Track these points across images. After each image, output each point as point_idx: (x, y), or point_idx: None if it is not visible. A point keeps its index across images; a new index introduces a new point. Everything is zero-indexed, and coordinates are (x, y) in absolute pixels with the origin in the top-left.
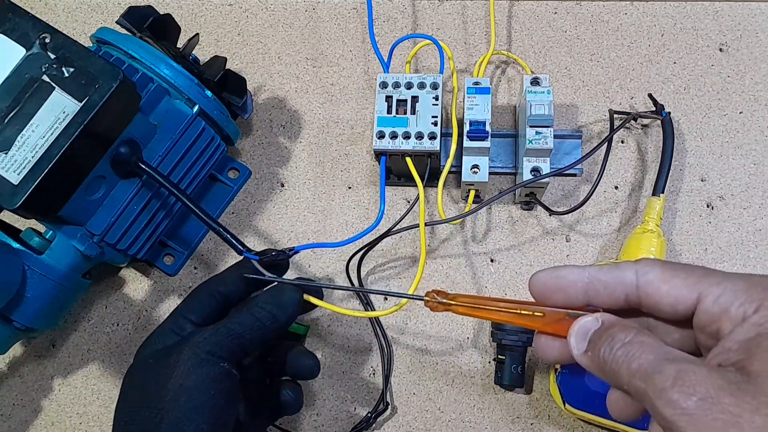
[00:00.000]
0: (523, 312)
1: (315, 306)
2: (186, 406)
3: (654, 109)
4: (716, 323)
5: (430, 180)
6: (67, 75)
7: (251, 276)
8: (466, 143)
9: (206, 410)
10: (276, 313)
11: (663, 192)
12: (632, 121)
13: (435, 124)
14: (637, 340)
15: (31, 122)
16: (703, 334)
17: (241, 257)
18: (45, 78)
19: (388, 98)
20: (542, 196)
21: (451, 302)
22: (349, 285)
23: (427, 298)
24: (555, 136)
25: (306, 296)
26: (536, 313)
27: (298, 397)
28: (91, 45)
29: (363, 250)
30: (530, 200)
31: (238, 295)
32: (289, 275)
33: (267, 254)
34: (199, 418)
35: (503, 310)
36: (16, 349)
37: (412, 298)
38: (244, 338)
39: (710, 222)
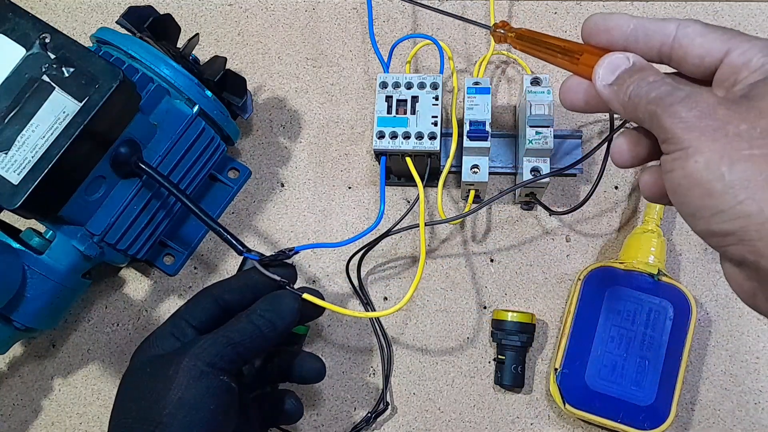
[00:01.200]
0: (565, 49)
1: (320, 313)
2: (184, 420)
3: None
4: (735, 74)
5: (430, 180)
6: (67, 75)
7: (257, 270)
8: (466, 143)
9: (204, 425)
10: (275, 321)
11: None
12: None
13: (435, 124)
14: (663, 81)
15: (31, 122)
16: (721, 88)
17: (242, 259)
18: (45, 78)
19: (388, 98)
20: (542, 196)
21: (509, 34)
22: (355, 281)
23: (492, 28)
24: (555, 136)
25: (306, 295)
26: (574, 53)
27: (301, 406)
28: (91, 45)
29: (363, 250)
30: (530, 200)
31: (241, 302)
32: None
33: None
34: None
35: (548, 49)
36: (16, 349)
37: (479, 25)
38: (244, 347)
39: None
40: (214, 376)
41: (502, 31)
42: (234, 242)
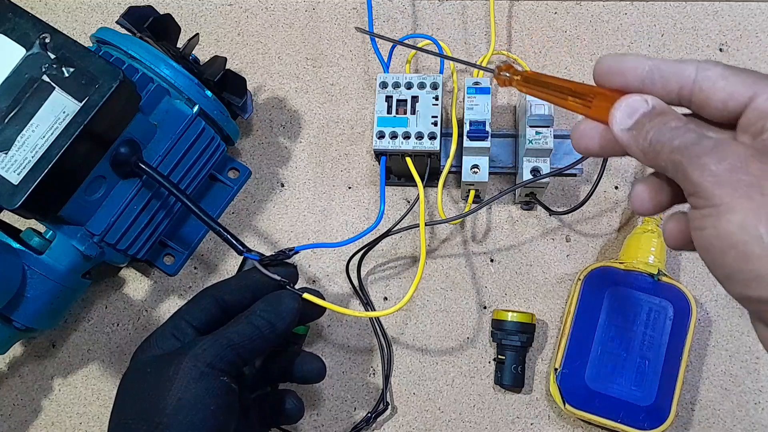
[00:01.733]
0: (574, 95)
1: (321, 313)
2: (185, 421)
3: None
4: (763, 120)
5: (430, 180)
6: (67, 75)
7: (257, 270)
8: (466, 143)
9: (205, 426)
10: (274, 322)
11: None
12: None
13: (435, 124)
14: (687, 127)
15: (31, 122)
16: (747, 135)
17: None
18: (45, 78)
19: (388, 98)
20: (542, 196)
21: (515, 78)
22: (354, 281)
23: (495, 71)
24: (555, 136)
25: (306, 295)
26: (587, 96)
27: (301, 406)
28: (91, 45)
29: (363, 250)
30: (530, 200)
31: (241, 303)
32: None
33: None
34: None
35: (558, 91)
36: (16, 349)
37: (483, 69)
38: (244, 348)
39: None
40: (214, 377)
41: (506, 75)
42: (234, 242)
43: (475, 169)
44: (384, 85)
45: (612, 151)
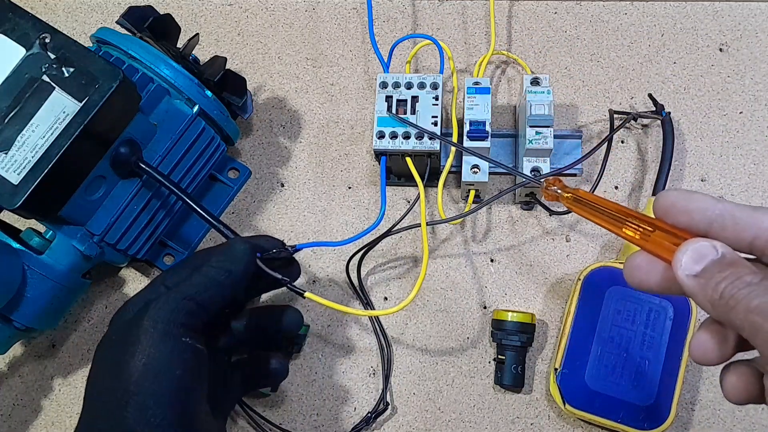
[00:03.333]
0: (631, 224)
1: (278, 285)
2: (151, 388)
3: (654, 109)
4: None
5: (430, 180)
6: (67, 75)
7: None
8: (466, 143)
9: (173, 392)
10: (229, 267)
11: None
12: (632, 121)
13: (435, 124)
14: (764, 284)
15: (31, 122)
16: None
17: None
18: (45, 78)
19: (388, 98)
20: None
21: (564, 195)
22: (354, 282)
23: (543, 184)
24: (555, 136)
25: (308, 294)
26: (646, 226)
27: (286, 366)
28: (91, 45)
29: (363, 250)
30: (530, 200)
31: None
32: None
33: (266, 249)
34: (167, 401)
35: (611, 218)
36: (16, 349)
37: (533, 180)
38: (202, 298)
39: None
40: (176, 338)
41: (556, 190)
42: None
43: (475, 169)
44: (384, 85)
45: (670, 291)
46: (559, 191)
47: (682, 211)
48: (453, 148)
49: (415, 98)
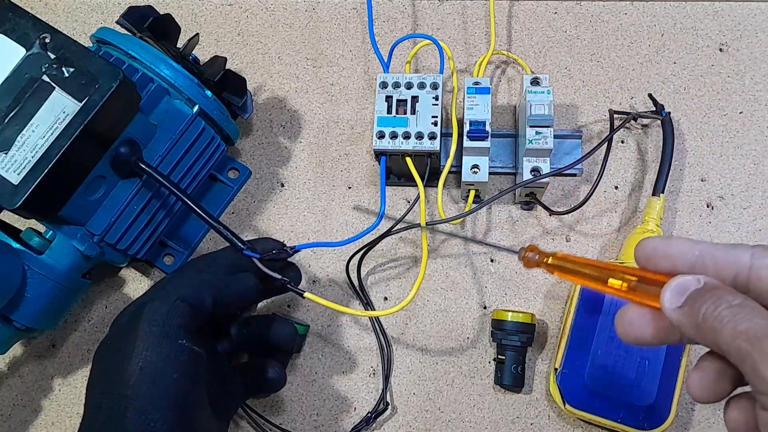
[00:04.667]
0: (615, 278)
1: (286, 290)
2: (149, 392)
3: (654, 109)
4: None
5: (430, 180)
6: (67, 75)
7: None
8: (466, 143)
9: (171, 395)
10: (226, 269)
11: (663, 192)
12: (632, 121)
13: (435, 124)
14: (746, 304)
15: (31, 122)
16: None
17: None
18: (45, 78)
19: (388, 98)
20: (542, 196)
21: (543, 260)
22: (354, 288)
23: (521, 253)
24: (555, 136)
25: (307, 294)
26: (630, 277)
27: (284, 375)
28: (91, 45)
29: (363, 250)
30: (530, 200)
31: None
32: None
33: (267, 250)
34: (165, 404)
35: (595, 275)
36: (16, 349)
37: (508, 251)
38: (195, 299)
39: (710, 222)
40: (172, 341)
41: (534, 257)
42: (234, 240)
43: (475, 169)
44: (384, 85)
45: (667, 339)
46: (537, 258)
47: (662, 257)
48: (452, 148)
49: (415, 98)
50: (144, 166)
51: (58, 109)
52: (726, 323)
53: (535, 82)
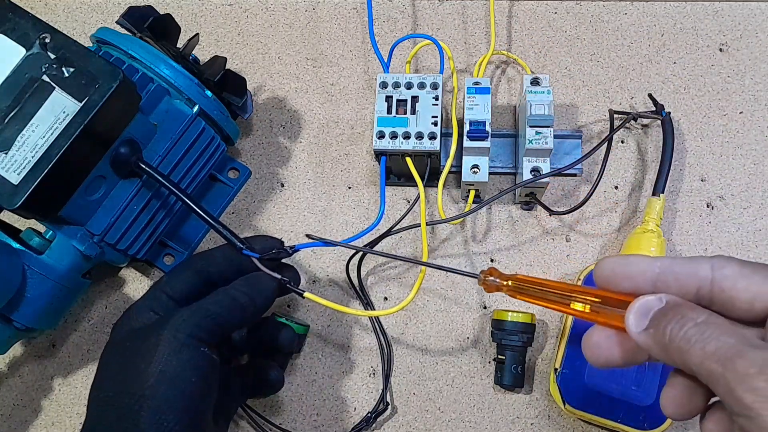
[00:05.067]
0: (578, 300)
1: (289, 291)
2: (167, 393)
3: (654, 109)
4: None
5: (430, 180)
6: (67, 75)
7: (268, 272)
8: (466, 143)
9: (187, 398)
10: (253, 296)
11: (663, 192)
12: (632, 121)
13: (435, 124)
14: (711, 321)
15: (31, 122)
16: None
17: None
18: (45, 78)
19: (388, 98)
20: (542, 196)
21: (504, 283)
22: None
23: (480, 277)
24: (555, 136)
25: (307, 294)
26: (593, 298)
27: (282, 376)
28: (91, 45)
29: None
30: (530, 200)
31: (222, 276)
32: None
33: (266, 249)
34: (180, 406)
35: (557, 297)
36: (16, 349)
37: (467, 275)
38: (223, 319)
39: (710, 222)
40: (194, 348)
41: (493, 280)
42: (234, 240)
43: (475, 169)
44: (384, 85)
45: (636, 359)
46: (497, 281)
47: (622, 277)
48: (452, 148)
49: (415, 98)
50: (144, 166)
51: (58, 109)
52: (694, 343)
53: (535, 82)
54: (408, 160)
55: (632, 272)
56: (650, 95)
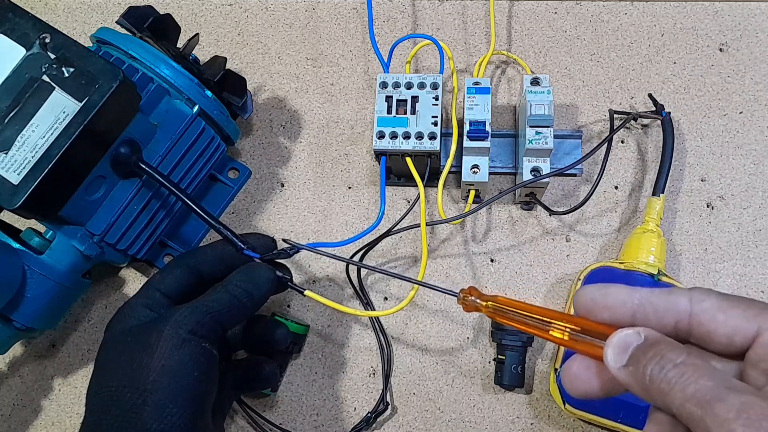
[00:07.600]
0: (557, 327)
1: (286, 288)
2: (169, 387)
3: (654, 109)
4: None
5: (430, 180)
6: (67, 75)
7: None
8: (466, 143)
9: (189, 391)
10: (251, 291)
11: (663, 192)
12: (632, 121)
13: (435, 124)
14: (690, 362)
15: (31, 122)
16: (757, 371)
17: (222, 239)
18: (45, 78)
19: (388, 98)
20: (542, 196)
21: (483, 305)
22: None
23: (459, 296)
24: (555, 136)
25: (308, 293)
26: (572, 326)
27: (276, 371)
28: (91, 45)
29: (363, 250)
30: (530, 200)
31: (215, 272)
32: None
33: (265, 248)
34: (183, 401)
35: (537, 323)
36: (16, 349)
37: (446, 293)
38: (223, 316)
39: (710, 222)
40: (196, 344)
41: (473, 299)
42: (234, 239)
43: (475, 169)
44: (384, 85)
45: (615, 391)
46: (477, 301)
47: (602, 308)
48: (452, 148)
49: (415, 98)
50: (144, 166)
51: (58, 109)
52: (674, 385)
53: (535, 82)
54: (408, 160)
55: (611, 303)
56: (650, 95)
